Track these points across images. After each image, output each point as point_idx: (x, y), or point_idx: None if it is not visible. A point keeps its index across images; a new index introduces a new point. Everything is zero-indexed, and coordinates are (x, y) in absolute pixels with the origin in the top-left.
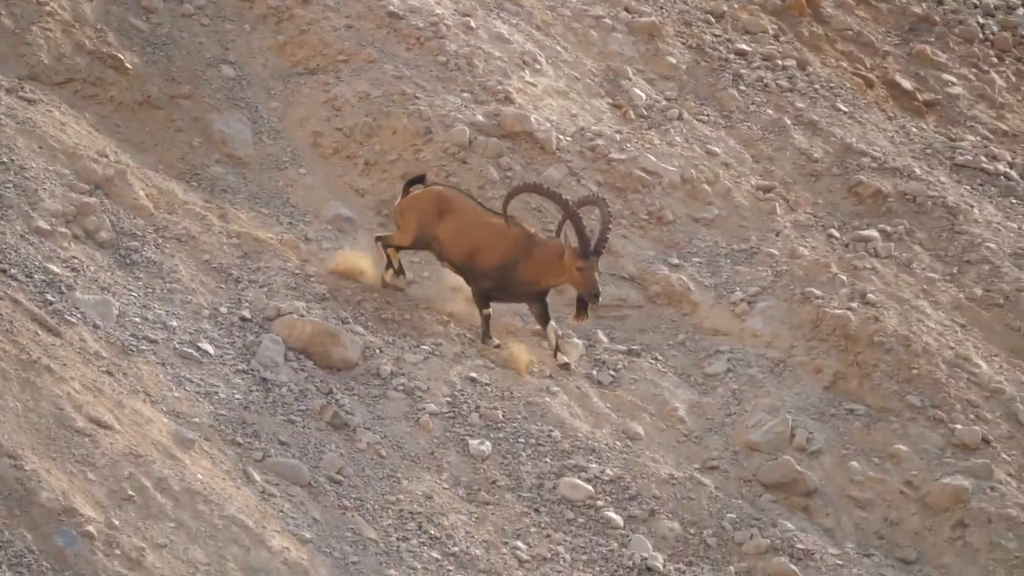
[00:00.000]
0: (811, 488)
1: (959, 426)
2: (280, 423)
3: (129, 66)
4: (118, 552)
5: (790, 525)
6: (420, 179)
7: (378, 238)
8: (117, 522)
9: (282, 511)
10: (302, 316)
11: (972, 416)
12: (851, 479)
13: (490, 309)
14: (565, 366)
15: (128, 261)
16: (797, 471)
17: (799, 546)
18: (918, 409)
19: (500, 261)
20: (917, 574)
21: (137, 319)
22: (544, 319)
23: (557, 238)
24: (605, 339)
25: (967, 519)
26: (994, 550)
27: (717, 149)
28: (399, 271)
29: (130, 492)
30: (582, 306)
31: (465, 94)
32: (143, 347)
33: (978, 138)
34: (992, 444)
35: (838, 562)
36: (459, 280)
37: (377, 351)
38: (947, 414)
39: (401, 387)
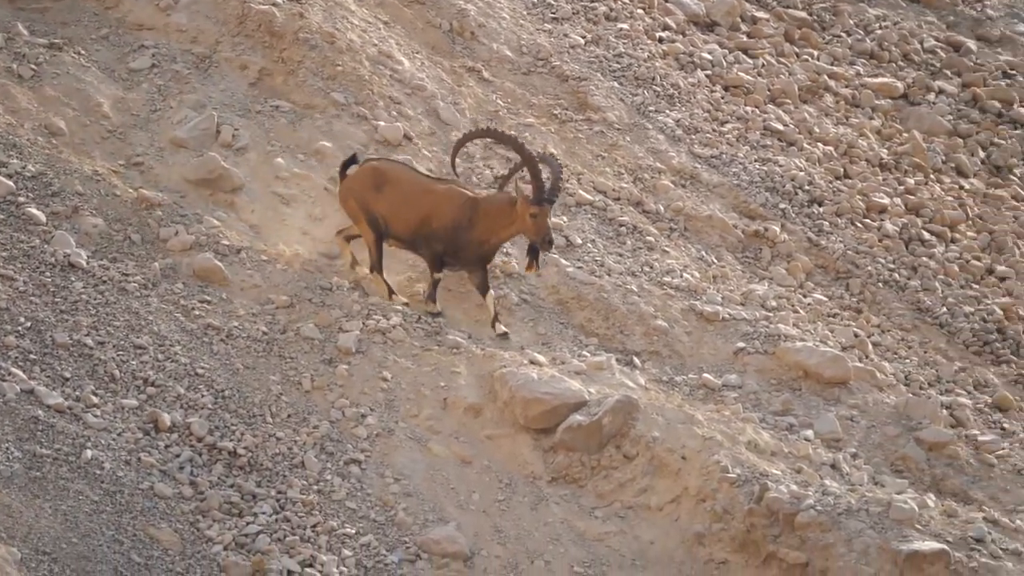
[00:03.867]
0: (237, 185)
1: (382, 123)
2: None
3: None
4: None
5: (215, 221)
6: (353, 160)
7: (371, 269)
8: None
9: None
10: None
11: (395, 113)
12: (276, 176)
13: (442, 273)
14: (504, 335)
15: None
16: (223, 167)
17: (225, 242)
18: (342, 106)
19: (453, 223)
20: (340, 269)
21: None
22: (484, 288)
23: (502, 192)
24: (25, 32)
25: None
26: None
27: None
28: (378, 268)
29: None
30: (534, 254)
31: None
32: None
33: None
34: (414, 140)
35: (264, 258)
36: None
37: None
38: (370, 111)
39: None
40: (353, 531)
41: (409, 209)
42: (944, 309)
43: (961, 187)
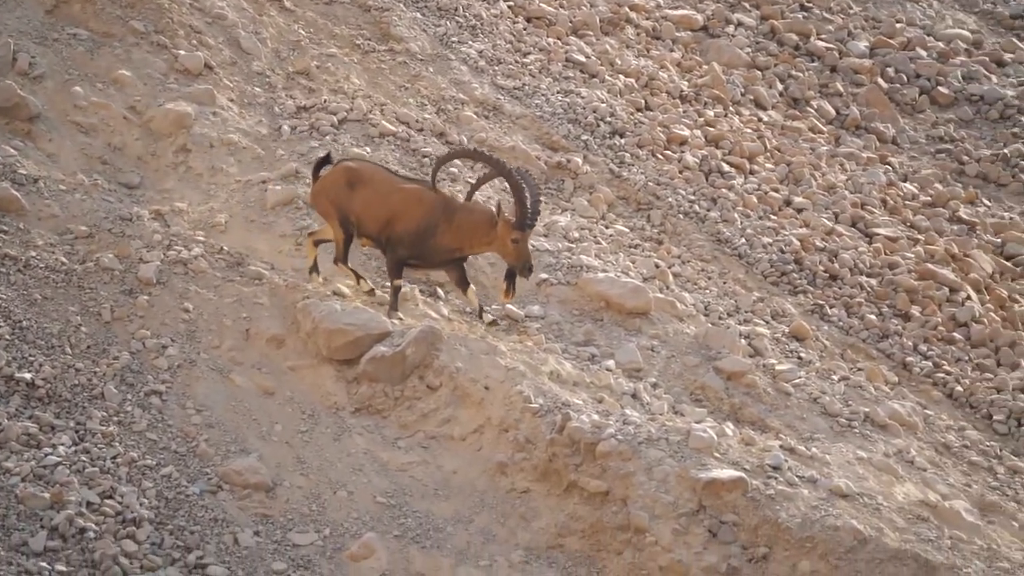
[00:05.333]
0: (34, 113)
1: (182, 52)
2: None
3: None
4: None
5: (12, 150)
6: (327, 159)
7: (335, 261)
8: None
9: None
10: None
11: (195, 42)
12: (75, 104)
13: (402, 280)
14: (493, 323)
15: None
16: (20, 96)
17: (22, 172)
18: (141, 34)
19: (416, 227)
20: (141, 199)
21: None
22: (464, 283)
23: (483, 204)
24: None
25: (190, 144)
26: (215, 174)
27: None
28: (343, 260)
29: None
30: (511, 280)
31: None
32: None
33: None
34: (215, 70)
35: (62, 188)
36: None
37: None
38: (170, 40)
39: None
40: (154, 462)
41: (380, 207)
42: (743, 240)
43: (759, 119)
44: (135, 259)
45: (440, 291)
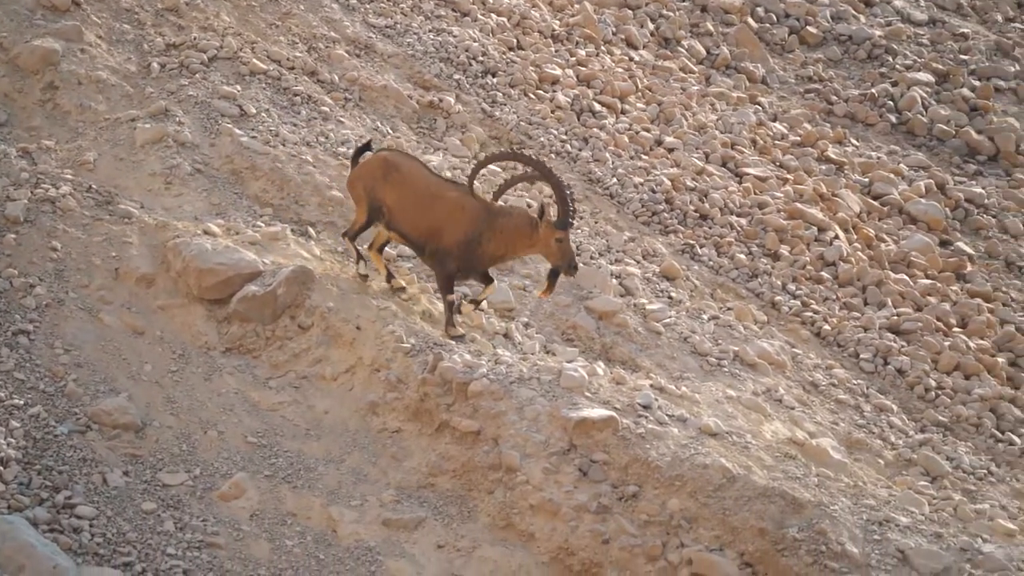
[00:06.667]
0: None
1: None
2: None
3: None
4: None
5: None
6: (367, 147)
7: (344, 234)
8: None
9: None
10: None
11: None
12: None
13: (454, 295)
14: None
15: None
16: None
17: None
18: None
19: (463, 237)
20: (7, 136)
21: None
22: (488, 280)
23: (519, 207)
24: None
25: (57, 81)
26: (84, 112)
27: None
28: (351, 237)
29: None
30: (553, 278)
31: None
32: None
33: None
34: (83, 6)
35: None
36: None
37: None
38: None
39: None
40: (22, 402)
41: (417, 210)
42: (614, 180)
43: (631, 59)
44: (2, 197)
45: (311, 231)
